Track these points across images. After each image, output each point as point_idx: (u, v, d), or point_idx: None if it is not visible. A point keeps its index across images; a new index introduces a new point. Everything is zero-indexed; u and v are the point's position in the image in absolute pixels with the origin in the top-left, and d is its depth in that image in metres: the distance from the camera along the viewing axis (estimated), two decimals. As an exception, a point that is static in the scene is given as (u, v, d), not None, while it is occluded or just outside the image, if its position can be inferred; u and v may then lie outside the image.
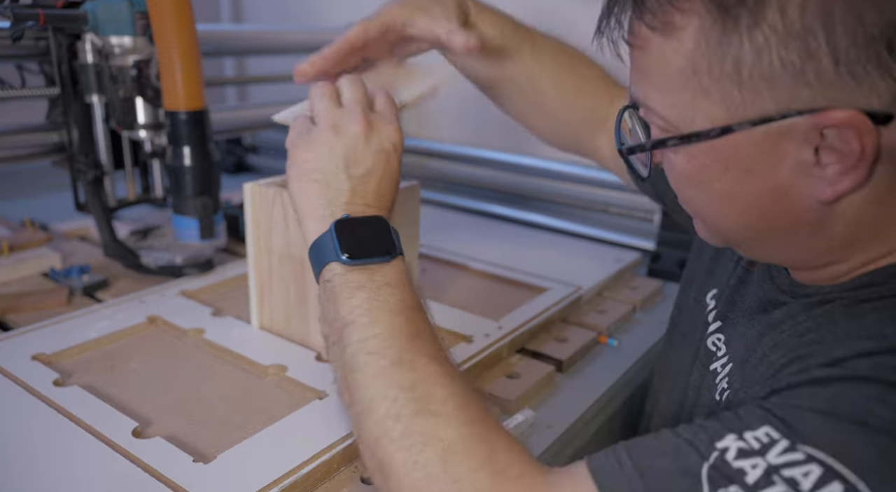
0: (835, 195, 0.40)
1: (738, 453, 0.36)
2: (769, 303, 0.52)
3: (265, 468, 0.53)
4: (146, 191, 1.02)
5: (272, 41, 1.30)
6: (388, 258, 0.50)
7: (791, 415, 0.37)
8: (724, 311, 0.58)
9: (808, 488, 0.34)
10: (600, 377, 0.76)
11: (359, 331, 0.47)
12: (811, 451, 0.35)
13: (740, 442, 0.37)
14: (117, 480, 0.52)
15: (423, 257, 1.02)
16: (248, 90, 1.87)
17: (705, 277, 0.64)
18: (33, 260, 0.94)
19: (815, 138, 0.39)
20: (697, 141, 0.42)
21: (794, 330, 0.46)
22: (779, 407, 0.38)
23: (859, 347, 0.39)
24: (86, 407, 0.61)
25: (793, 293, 0.50)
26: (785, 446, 0.35)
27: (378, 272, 0.50)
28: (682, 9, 0.40)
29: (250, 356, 0.71)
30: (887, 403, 0.35)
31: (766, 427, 0.37)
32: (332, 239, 0.50)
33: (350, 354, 0.47)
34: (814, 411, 0.37)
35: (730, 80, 0.39)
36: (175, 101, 0.84)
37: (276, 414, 0.61)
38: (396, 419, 0.43)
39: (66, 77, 0.90)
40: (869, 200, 0.41)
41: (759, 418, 0.38)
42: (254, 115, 1.28)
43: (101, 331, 0.75)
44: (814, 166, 0.40)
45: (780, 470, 0.35)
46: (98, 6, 0.86)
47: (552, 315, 0.83)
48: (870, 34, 0.36)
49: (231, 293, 0.88)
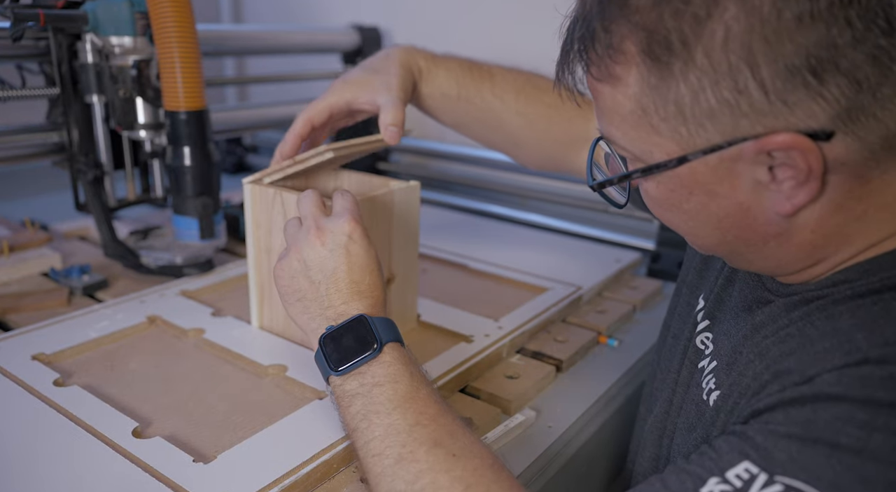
0: (793, 208, 0.42)
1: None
2: (755, 302, 0.53)
3: (265, 468, 0.53)
4: (146, 191, 1.02)
5: (272, 41, 1.30)
6: (374, 353, 0.53)
7: (768, 443, 0.39)
8: (713, 310, 0.59)
9: None
10: (600, 377, 0.76)
11: (361, 436, 0.50)
12: (788, 481, 0.37)
13: (723, 485, 0.39)
14: (117, 480, 0.52)
15: (423, 257, 1.02)
16: (248, 90, 1.87)
17: (696, 279, 0.66)
18: (33, 260, 0.94)
19: (765, 159, 0.41)
20: (659, 171, 0.44)
21: (776, 335, 0.48)
22: (759, 434, 0.40)
23: (829, 363, 0.41)
24: (86, 407, 0.61)
25: (777, 292, 0.51)
26: (764, 480, 0.37)
27: (368, 374, 0.52)
28: (620, 61, 0.43)
29: (250, 356, 0.71)
30: (856, 421, 0.37)
31: (745, 463, 0.39)
32: (322, 355, 0.54)
33: (361, 458, 0.50)
34: (789, 437, 0.39)
35: (675, 119, 0.42)
36: (175, 101, 0.84)
37: (276, 414, 0.61)
38: None
39: (66, 77, 0.90)
40: (829, 208, 0.43)
41: (739, 452, 0.40)
42: (254, 115, 1.28)
43: (101, 331, 0.75)
44: (770, 183, 0.42)
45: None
46: (98, 6, 0.86)
47: (552, 315, 0.83)
48: (791, 64, 0.38)
49: (231, 293, 0.88)
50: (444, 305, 0.84)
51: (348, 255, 0.57)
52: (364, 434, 0.49)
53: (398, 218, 0.72)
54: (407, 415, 0.49)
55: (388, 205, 0.70)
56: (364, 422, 0.50)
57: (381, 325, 0.54)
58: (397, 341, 0.54)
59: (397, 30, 1.54)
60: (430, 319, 0.81)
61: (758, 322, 0.51)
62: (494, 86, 0.77)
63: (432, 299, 0.86)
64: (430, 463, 0.46)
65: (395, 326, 0.56)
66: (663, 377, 0.65)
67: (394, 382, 0.51)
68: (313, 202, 0.61)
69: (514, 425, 0.64)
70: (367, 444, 0.49)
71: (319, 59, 1.54)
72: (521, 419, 0.65)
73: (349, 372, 0.53)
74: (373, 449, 0.48)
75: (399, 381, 0.51)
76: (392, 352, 0.53)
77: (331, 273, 0.57)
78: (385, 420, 0.49)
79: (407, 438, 0.48)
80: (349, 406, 0.52)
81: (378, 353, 0.53)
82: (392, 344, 0.54)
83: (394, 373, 0.52)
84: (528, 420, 0.65)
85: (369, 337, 0.53)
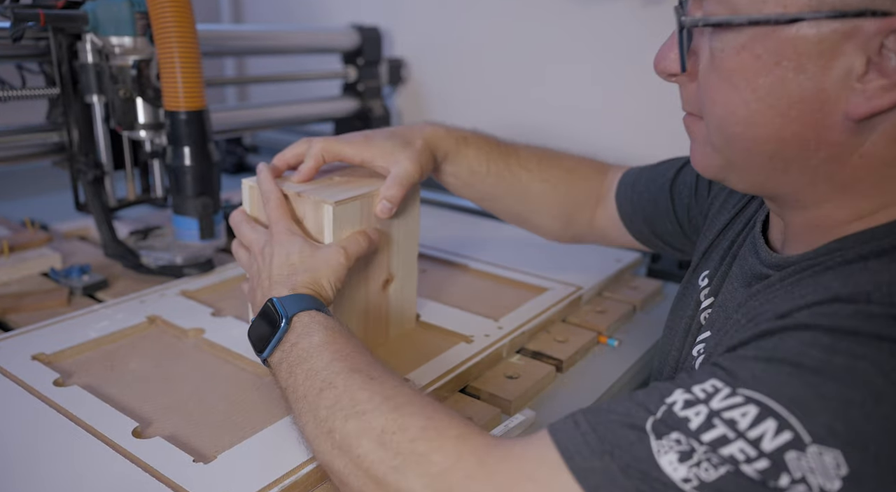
0: (868, 111, 0.41)
1: (684, 404, 0.39)
2: (753, 277, 0.54)
3: (265, 468, 0.53)
4: (146, 191, 1.02)
5: (272, 41, 1.30)
6: (282, 328, 0.56)
7: (736, 365, 0.40)
8: (716, 289, 0.60)
9: (746, 426, 0.37)
10: (600, 377, 0.76)
11: (289, 391, 0.53)
12: (749, 393, 0.38)
13: (687, 395, 0.40)
14: (117, 480, 0.52)
15: (423, 257, 1.02)
16: (248, 90, 1.87)
17: (699, 261, 0.66)
18: (33, 260, 0.94)
19: (873, 46, 0.40)
20: (766, 24, 0.42)
21: (766, 298, 0.49)
22: (727, 360, 0.41)
23: (803, 301, 0.42)
24: (86, 407, 0.61)
25: (775, 266, 0.52)
26: (727, 392, 0.39)
27: (286, 342, 0.56)
28: None
29: (250, 356, 0.70)
30: (820, 344, 0.38)
31: (712, 380, 0.40)
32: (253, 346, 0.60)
33: (292, 409, 0.53)
34: (756, 359, 0.40)
35: None
36: (175, 101, 0.84)
37: (276, 414, 0.61)
38: (330, 433, 0.47)
39: (66, 77, 0.90)
40: (891, 135, 0.42)
41: (709, 372, 0.41)
42: (254, 115, 1.28)
43: (101, 331, 0.75)
44: (860, 78, 0.41)
45: (721, 413, 0.38)
46: (98, 6, 0.86)
47: (552, 315, 0.83)
48: None
49: (231, 293, 0.88)
50: (444, 305, 0.84)
51: (271, 257, 0.63)
52: (291, 388, 0.53)
53: (398, 218, 0.72)
54: (323, 355, 0.53)
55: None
56: (290, 378, 0.53)
57: (288, 301, 0.58)
58: (310, 309, 0.57)
59: (397, 30, 1.54)
60: (430, 319, 0.81)
61: (752, 292, 0.52)
62: (520, 159, 0.81)
63: (432, 299, 0.86)
64: (348, 385, 0.49)
65: (310, 298, 0.59)
66: (663, 358, 0.66)
67: (308, 336, 0.55)
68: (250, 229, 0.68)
69: (514, 425, 0.64)
70: (294, 393, 0.52)
71: (319, 59, 1.54)
72: (521, 419, 0.65)
73: (272, 351, 0.57)
74: (299, 393, 0.51)
75: (312, 334, 0.55)
76: (301, 319, 0.57)
77: (258, 279, 0.64)
78: (304, 367, 0.53)
79: (325, 372, 0.51)
80: (278, 375, 0.55)
81: (287, 325, 0.56)
82: (302, 313, 0.57)
83: (306, 331, 0.55)
84: (528, 420, 0.65)
85: (275, 316, 0.57)
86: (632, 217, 0.79)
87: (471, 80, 1.46)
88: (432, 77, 1.53)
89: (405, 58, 1.54)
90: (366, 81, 1.45)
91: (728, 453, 0.36)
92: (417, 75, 1.55)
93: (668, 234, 0.77)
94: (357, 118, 1.47)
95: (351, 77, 1.45)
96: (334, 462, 0.47)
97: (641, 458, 0.38)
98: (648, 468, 0.37)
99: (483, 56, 1.43)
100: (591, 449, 0.39)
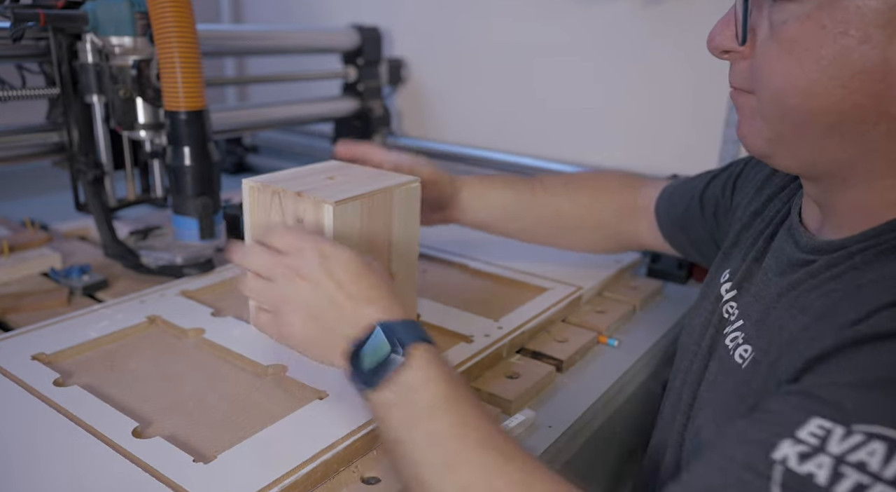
0: None
1: (800, 458, 0.36)
2: (790, 265, 0.52)
3: (265, 468, 0.53)
4: (146, 191, 1.02)
5: (272, 41, 1.30)
6: (400, 359, 0.49)
7: (834, 395, 0.37)
8: (740, 282, 0.60)
9: (878, 466, 0.34)
10: (600, 377, 0.76)
11: (403, 446, 0.47)
12: (867, 428, 0.35)
13: (798, 446, 0.36)
14: (117, 480, 0.52)
15: (423, 257, 1.02)
16: (248, 90, 1.87)
17: (721, 261, 0.66)
18: (33, 260, 0.94)
19: None
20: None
21: (819, 290, 0.46)
22: (819, 389, 0.38)
23: (882, 301, 0.39)
24: (86, 407, 0.61)
25: (818, 250, 0.50)
26: (842, 433, 0.35)
27: (400, 381, 0.49)
28: None
29: (250, 356, 0.71)
30: None
31: (815, 419, 0.36)
32: (353, 374, 0.51)
33: (405, 468, 0.47)
34: (854, 386, 0.37)
35: None
36: (175, 101, 0.84)
37: (276, 414, 0.61)
38: None
39: (66, 77, 0.90)
40: None
41: (804, 409, 0.37)
42: (254, 115, 1.28)
43: (101, 331, 0.75)
44: None
45: (846, 458, 0.35)
46: (98, 6, 0.86)
47: (552, 315, 0.83)
48: None
49: (231, 293, 0.88)
50: (444, 305, 0.84)
51: (331, 274, 0.54)
52: (408, 444, 0.47)
53: (398, 217, 0.72)
54: (451, 416, 0.47)
55: (387, 203, 0.70)
56: (407, 432, 0.47)
57: (401, 328, 0.51)
58: (422, 341, 0.51)
59: (397, 30, 1.54)
60: (430, 319, 0.81)
61: (794, 280, 0.50)
62: (545, 186, 0.87)
63: (432, 299, 0.86)
64: (484, 468, 0.44)
65: (416, 325, 0.52)
66: (683, 354, 0.65)
67: (429, 384, 0.48)
68: (262, 252, 0.58)
69: (514, 425, 0.64)
70: (412, 453, 0.46)
71: (319, 59, 1.54)
72: (521, 419, 0.65)
73: (380, 384, 0.49)
74: (418, 457, 0.46)
75: (435, 382, 0.48)
76: (421, 355, 0.50)
77: (328, 301, 0.54)
78: (427, 426, 0.47)
79: (455, 444, 0.45)
80: (387, 418, 0.49)
81: (403, 358, 0.49)
82: (418, 345, 0.50)
83: (427, 376, 0.49)
84: (528, 420, 0.65)
85: (391, 344, 0.50)
86: (669, 226, 0.82)
87: (471, 80, 1.46)
88: (432, 77, 1.53)
89: (405, 58, 1.54)
90: (366, 81, 1.45)
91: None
92: (417, 75, 1.55)
93: (701, 242, 0.79)
94: (357, 118, 1.47)
95: (351, 77, 1.45)
96: None
97: None
98: None
99: (483, 56, 1.43)
100: None
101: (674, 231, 0.81)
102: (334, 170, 0.76)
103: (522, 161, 1.31)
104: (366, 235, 0.69)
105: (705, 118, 1.17)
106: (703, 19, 0.55)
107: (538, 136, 1.38)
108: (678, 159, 1.20)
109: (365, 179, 0.72)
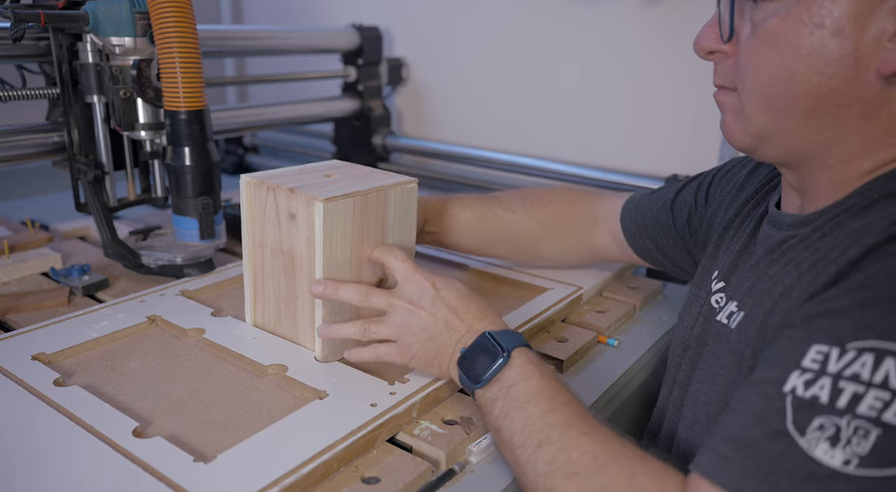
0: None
1: (805, 385, 0.41)
2: (777, 244, 0.56)
3: (265, 468, 0.53)
4: (146, 191, 1.02)
5: (272, 41, 1.30)
6: (504, 361, 0.58)
7: (832, 322, 0.42)
8: (728, 274, 0.63)
9: (868, 375, 0.39)
10: (600, 377, 0.76)
11: (505, 432, 0.56)
12: (858, 344, 0.40)
13: (804, 375, 0.41)
14: (117, 480, 0.52)
15: (424, 257, 1.02)
16: (248, 90, 1.87)
17: (709, 264, 0.68)
18: (34, 260, 0.94)
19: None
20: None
21: (809, 249, 0.51)
22: (817, 318, 0.43)
23: (872, 228, 0.45)
24: (86, 407, 0.61)
25: (801, 223, 0.54)
26: (837, 353, 0.40)
27: (503, 379, 0.58)
28: None
29: (250, 356, 0.71)
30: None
31: (814, 347, 0.42)
32: (463, 376, 0.61)
33: (508, 451, 0.55)
34: (849, 309, 0.42)
35: None
36: (175, 102, 0.84)
37: (276, 414, 0.61)
38: (551, 489, 0.51)
39: (66, 77, 0.90)
40: None
41: (804, 340, 0.42)
42: (254, 115, 1.28)
43: (101, 331, 0.75)
44: (889, 39, 0.45)
45: (843, 373, 0.40)
46: (98, 6, 0.86)
47: (552, 315, 0.83)
48: None
49: (231, 293, 0.88)
50: (444, 305, 0.84)
51: (446, 301, 0.64)
52: (507, 430, 0.55)
53: (394, 217, 0.72)
54: (541, 403, 0.55)
55: (382, 203, 0.70)
56: (506, 420, 0.56)
57: (504, 336, 0.60)
58: (523, 346, 0.60)
59: (397, 30, 1.54)
60: (430, 319, 0.81)
61: (783, 249, 0.54)
62: (503, 203, 0.89)
63: (432, 299, 0.86)
64: (564, 442, 0.52)
65: (517, 334, 0.62)
66: (676, 346, 0.68)
67: (525, 380, 0.57)
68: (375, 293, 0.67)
69: (514, 424, 0.64)
70: (511, 438, 0.55)
71: (319, 59, 1.54)
72: (521, 419, 0.65)
73: (488, 383, 0.58)
74: (516, 441, 0.54)
75: (530, 378, 0.57)
76: (520, 356, 0.59)
77: (444, 323, 0.63)
78: (522, 413, 0.55)
79: (542, 424, 0.54)
80: (492, 410, 0.57)
81: (507, 359, 0.58)
82: (518, 349, 0.60)
83: (524, 373, 0.58)
84: (528, 420, 0.65)
85: (496, 348, 0.59)
86: (636, 235, 0.83)
87: (471, 80, 1.46)
88: (432, 77, 1.53)
89: (405, 58, 1.54)
90: (366, 81, 1.45)
91: (866, 409, 0.38)
92: (417, 75, 1.55)
93: (670, 249, 0.81)
94: (357, 118, 1.47)
95: (351, 77, 1.45)
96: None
97: (799, 461, 0.39)
98: (811, 468, 0.39)
99: (483, 56, 1.43)
100: (753, 477, 0.40)
101: (641, 239, 0.83)
102: (334, 168, 0.76)
103: (522, 161, 1.31)
104: (358, 233, 0.69)
105: (705, 118, 1.17)
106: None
107: (538, 136, 1.39)
108: (678, 159, 1.21)
109: (362, 179, 0.72)
